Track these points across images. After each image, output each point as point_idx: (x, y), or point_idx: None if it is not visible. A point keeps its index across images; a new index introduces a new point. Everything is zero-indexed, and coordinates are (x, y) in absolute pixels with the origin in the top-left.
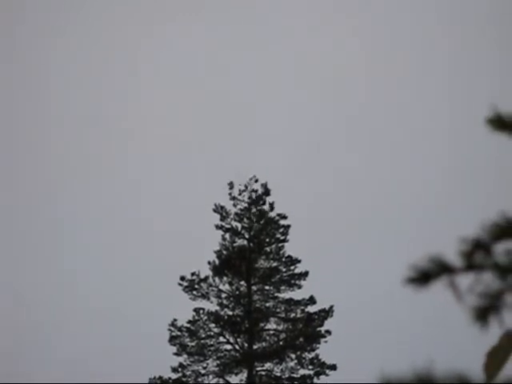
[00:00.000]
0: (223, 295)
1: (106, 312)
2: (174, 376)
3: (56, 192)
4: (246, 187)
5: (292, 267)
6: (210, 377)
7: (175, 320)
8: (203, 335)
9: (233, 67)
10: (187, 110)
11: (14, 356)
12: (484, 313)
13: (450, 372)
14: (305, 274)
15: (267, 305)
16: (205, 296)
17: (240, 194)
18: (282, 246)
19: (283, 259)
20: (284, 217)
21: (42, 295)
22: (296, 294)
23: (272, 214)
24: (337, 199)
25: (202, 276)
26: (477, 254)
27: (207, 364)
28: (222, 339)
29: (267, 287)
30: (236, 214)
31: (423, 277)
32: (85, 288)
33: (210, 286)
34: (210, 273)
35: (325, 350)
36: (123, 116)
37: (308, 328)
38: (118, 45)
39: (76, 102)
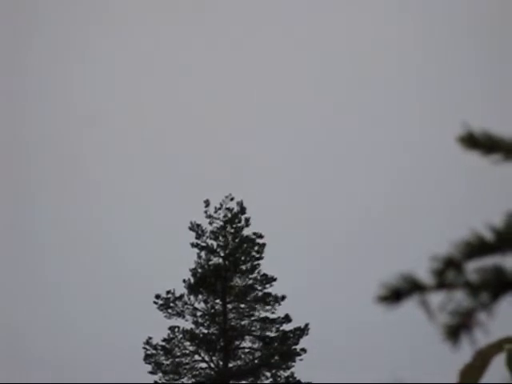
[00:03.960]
0: (198, 313)
1: (81, 329)
2: None
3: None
4: (222, 205)
5: (267, 285)
6: None
7: (150, 338)
8: (178, 353)
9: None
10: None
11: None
12: (455, 331)
13: None
14: (281, 298)
15: (242, 323)
16: (180, 314)
17: (216, 212)
18: (258, 264)
19: (259, 277)
20: (260, 236)
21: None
22: (271, 312)
23: (248, 233)
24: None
25: (178, 294)
26: (448, 271)
27: (182, 382)
28: (197, 357)
29: (242, 305)
30: (212, 232)
31: (394, 295)
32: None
33: (186, 304)
34: (185, 291)
35: (300, 369)
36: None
37: (283, 346)
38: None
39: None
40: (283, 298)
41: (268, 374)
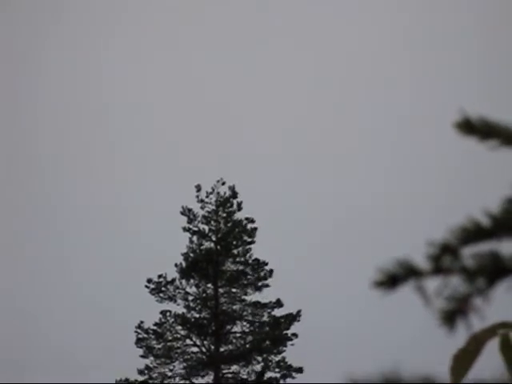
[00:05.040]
0: (190, 298)
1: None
2: (141, 378)
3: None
4: (213, 190)
5: (259, 270)
6: (177, 379)
7: (142, 322)
8: (170, 337)
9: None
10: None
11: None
12: (451, 316)
13: (417, 374)
14: (270, 272)
15: (234, 307)
16: (172, 298)
17: (207, 197)
18: (249, 249)
19: (250, 262)
20: (252, 220)
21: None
22: (263, 297)
23: (239, 217)
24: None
25: (169, 278)
26: (445, 257)
27: (174, 366)
28: (188, 342)
29: (234, 290)
30: (203, 216)
31: (390, 280)
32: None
33: (177, 288)
34: (177, 275)
35: (291, 353)
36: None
37: (274, 331)
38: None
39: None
40: (271, 272)
41: (259, 359)
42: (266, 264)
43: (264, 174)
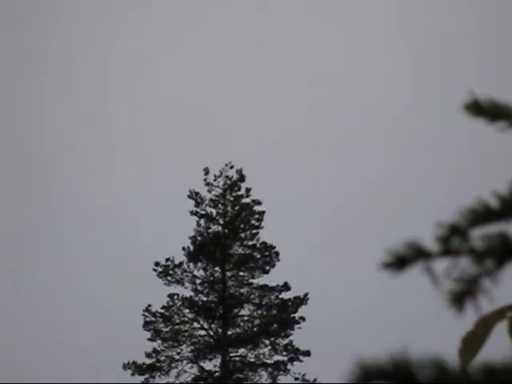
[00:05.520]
0: (198, 281)
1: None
2: (148, 361)
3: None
4: (221, 173)
5: (266, 253)
6: (184, 362)
7: (149, 305)
8: (177, 321)
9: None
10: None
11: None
12: (460, 298)
13: (426, 356)
14: (276, 255)
15: (241, 291)
16: (179, 282)
17: (215, 180)
18: (257, 233)
19: (258, 245)
20: (259, 202)
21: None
22: (270, 281)
23: (247, 200)
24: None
25: (177, 262)
26: (453, 239)
27: (181, 349)
28: (196, 325)
29: (242, 273)
30: (211, 200)
31: (399, 262)
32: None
33: (185, 271)
34: (184, 258)
35: (299, 337)
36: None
37: (282, 314)
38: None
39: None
40: (277, 254)
41: (267, 342)
42: (274, 247)
43: (266, 163)
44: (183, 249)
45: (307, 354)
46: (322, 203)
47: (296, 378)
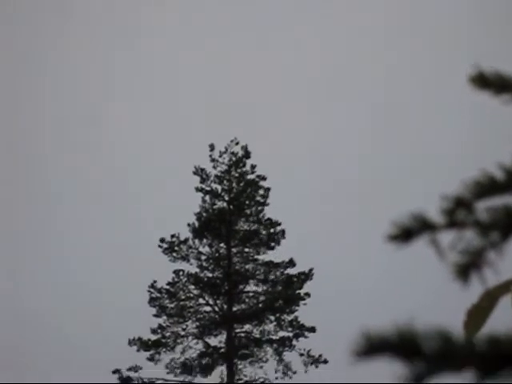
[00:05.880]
0: (203, 257)
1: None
2: (154, 337)
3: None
4: (227, 149)
5: (272, 230)
6: (190, 338)
7: (155, 282)
8: (183, 297)
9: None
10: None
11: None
12: (465, 270)
13: (432, 328)
14: (282, 233)
15: (247, 267)
16: (184, 258)
17: (220, 156)
18: (262, 209)
19: (263, 222)
20: (264, 178)
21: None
22: (275, 257)
23: (252, 177)
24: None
25: (182, 238)
26: (458, 211)
27: (187, 325)
28: (201, 301)
29: (247, 249)
30: (216, 176)
31: (405, 234)
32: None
33: (190, 248)
34: (189, 235)
35: (304, 313)
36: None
37: (287, 290)
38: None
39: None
40: (283, 232)
41: (272, 318)
42: (279, 224)
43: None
44: (188, 225)
45: (312, 330)
46: (325, 178)
47: (301, 354)
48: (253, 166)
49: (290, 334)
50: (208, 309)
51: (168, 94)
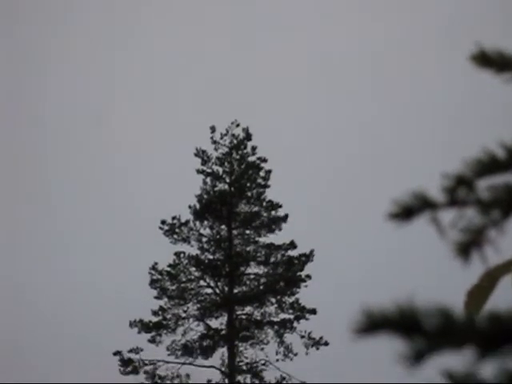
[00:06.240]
0: (204, 239)
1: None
2: (155, 319)
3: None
4: (228, 131)
5: (273, 212)
6: (191, 320)
7: (156, 264)
8: (184, 279)
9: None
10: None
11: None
12: (466, 248)
13: (432, 305)
14: (284, 218)
15: (248, 249)
16: (185, 240)
17: (221, 139)
18: (263, 191)
19: (264, 204)
20: (265, 160)
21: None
22: (277, 239)
23: (253, 159)
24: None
25: (183, 220)
26: (460, 189)
27: (188, 307)
28: (202, 283)
29: (248, 232)
30: (217, 158)
31: (406, 212)
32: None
33: (191, 230)
34: (190, 217)
35: (305, 295)
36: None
37: (288, 272)
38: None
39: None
40: (286, 216)
41: (273, 300)
42: (280, 206)
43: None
44: (189, 207)
45: (313, 312)
46: (324, 159)
47: (302, 336)
48: (253, 148)
49: (291, 316)
50: (209, 291)
51: (168, 76)
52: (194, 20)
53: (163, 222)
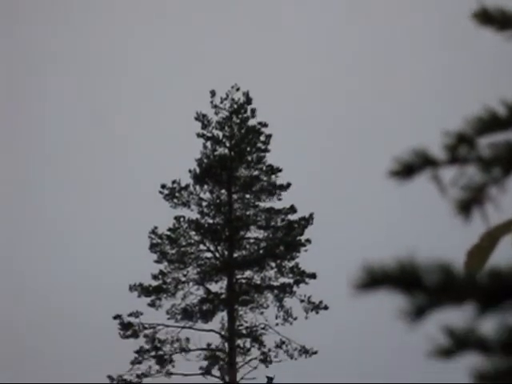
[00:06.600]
0: (204, 203)
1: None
2: (155, 283)
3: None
4: (228, 95)
5: (273, 176)
6: (190, 284)
7: (156, 228)
8: (184, 243)
9: None
10: None
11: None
12: (467, 206)
13: (433, 261)
14: (286, 186)
15: (248, 213)
16: (185, 204)
17: (221, 103)
18: (264, 156)
19: (264, 168)
20: (265, 125)
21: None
22: (276, 203)
23: (253, 123)
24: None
25: (183, 184)
26: (461, 147)
27: (187, 271)
28: (202, 247)
29: (248, 196)
30: (217, 122)
31: (407, 170)
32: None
33: (191, 194)
34: (190, 181)
35: (304, 259)
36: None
37: (288, 237)
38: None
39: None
40: (288, 185)
41: (273, 264)
42: (280, 170)
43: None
44: (189, 171)
45: (313, 276)
46: (323, 121)
47: (302, 301)
48: (253, 111)
49: (291, 281)
50: (209, 255)
51: (168, 41)
52: None
53: (163, 186)
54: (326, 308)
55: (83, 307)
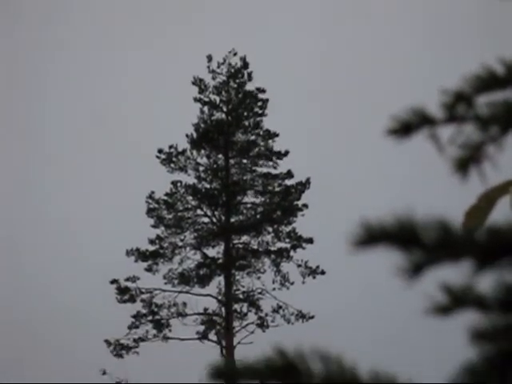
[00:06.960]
0: (201, 168)
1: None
2: (152, 248)
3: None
4: (225, 60)
5: (270, 141)
6: (187, 249)
7: (153, 192)
8: (181, 208)
9: None
10: None
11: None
12: (464, 164)
13: (431, 217)
14: (284, 154)
15: (245, 178)
16: (182, 169)
17: (218, 67)
18: (261, 120)
19: (261, 133)
20: (263, 90)
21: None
22: (274, 168)
23: (251, 88)
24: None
25: (180, 149)
26: (458, 105)
27: (184, 236)
28: (199, 212)
29: (245, 161)
30: (214, 87)
31: (404, 128)
32: None
33: (188, 159)
34: (187, 146)
35: (301, 224)
36: None
37: (285, 202)
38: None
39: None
40: (286, 153)
41: (270, 229)
42: (277, 135)
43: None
44: (186, 136)
45: (310, 241)
46: (322, 87)
47: (299, 265)
48: (249, 74)
49: (288, 245)
50: (206, 220)
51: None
52: None
53: (160, 151)
54: (322, 273)
55: (79, 271)
